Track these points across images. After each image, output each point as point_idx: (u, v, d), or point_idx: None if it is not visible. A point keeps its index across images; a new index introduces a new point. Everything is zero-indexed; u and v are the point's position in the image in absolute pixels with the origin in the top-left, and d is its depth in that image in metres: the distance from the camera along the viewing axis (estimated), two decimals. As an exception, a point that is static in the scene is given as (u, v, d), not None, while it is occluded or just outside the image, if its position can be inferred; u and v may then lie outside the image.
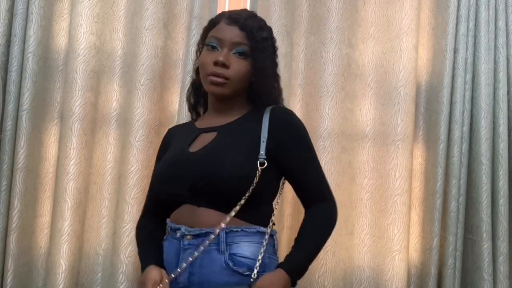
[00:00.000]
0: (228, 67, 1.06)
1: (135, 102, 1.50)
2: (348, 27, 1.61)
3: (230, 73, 1.06)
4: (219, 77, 1.06)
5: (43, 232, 1.56)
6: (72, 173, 1.46)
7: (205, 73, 1.09)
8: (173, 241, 1.05)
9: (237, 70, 1.07)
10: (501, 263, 1.52)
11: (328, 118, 1.57)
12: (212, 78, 1.06)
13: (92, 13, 1.50)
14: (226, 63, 1.06)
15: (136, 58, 1.52)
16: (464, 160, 1.56)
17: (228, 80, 1.06)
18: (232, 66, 1.07)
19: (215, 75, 1.06)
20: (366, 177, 1.58)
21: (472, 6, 1.58)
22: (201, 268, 1.00)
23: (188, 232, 1.02)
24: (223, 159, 1.03)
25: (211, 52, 1.09)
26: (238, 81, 1.08)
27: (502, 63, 1.58)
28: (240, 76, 1.08)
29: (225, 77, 1.06)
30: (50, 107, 1.56)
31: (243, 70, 1.08)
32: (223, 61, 1.05)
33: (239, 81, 1.09)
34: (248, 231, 1.03)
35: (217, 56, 1.06)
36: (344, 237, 1.57)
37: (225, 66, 1.06)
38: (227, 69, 1.06)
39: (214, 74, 1.06)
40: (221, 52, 1.07)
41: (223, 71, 1.06)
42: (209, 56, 1.08)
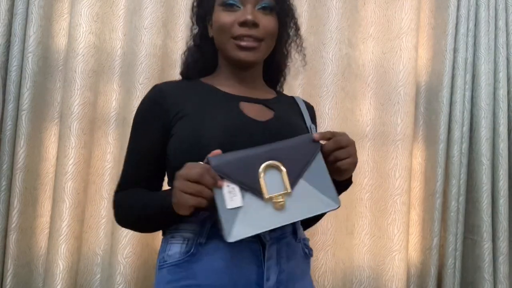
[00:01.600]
0: (258, 25, 0.91)
1: (134, 102, 1.50)
2: (348, 27, 1.60)
3: (262, 32, 0.92)
4: (251, 39, 0.91)
5: (43, 232, 1.55)
6: (70, 173, 1.46)
7: (228, 37, 0.92)
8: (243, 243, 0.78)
9: (268, 28, 0.93)
10: (501, 263, 1.52)
11: (328, 118, 1.57)
12: (241, 42, 0.91)
13: (91, 12, 1.50)
14: (256, 21, 0.90)
15: (135, 57, 1.52)
16: (464, 160, 1.56)
17: (261, 42, 0.93)
18: (262, 23, 0.92)
19: (245, 38, 0.91)
20: (366, 177, 1.58)
21: (472, 6, 1.58)
22: (289, 262, 0.87)
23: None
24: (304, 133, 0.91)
25: (231, 11, 0.92)
26: (271, 41, 0.96)
27: (502, 63, 1.58)
28: (272, 34, 0.95)
29: (258, 39, 0.92)
30: (50, 107, 1.56)
31: (275, 27, 0.95)
32: (253, 20, 0.90)
33: (272, 42, 0.96)
34: None
35: (244, 15, 0.90)
36: (344, 237, 1.57)
37: (256, 26, 0.91)
38: (257, 28, 0.91)
39: (244, 36, 0.91)
40: (246, 10, 0.91)
41: (255, 31, 0.91)
42: (230, 16, 0.92)
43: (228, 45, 0.93)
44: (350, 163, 0.84)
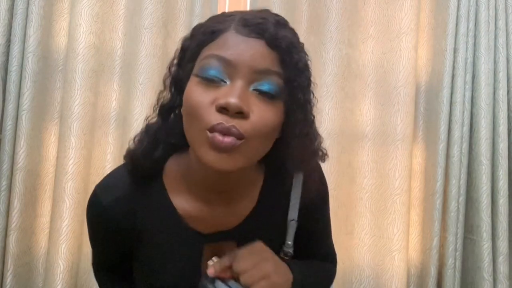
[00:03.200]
0: (247, 116, 0.61)
1: (134, 102, 1.50)
2: (348, 27, 1.60)
3: (247, 127, 0.60)
4: (229, 134, 0.59)
5: (43, 232, 1.55)
6: (70, 173, 1.46)
7: (201, 126, 0.61)
8: None
9: (260, 122, 0.61)
10: (501, 263, 1.52)
11: (328, 118, 1.57)
12: (215, 137, 0.59)
13: (91, 12, 1.50)
14: (245, 110, 0.60)
15: (135, 57, 1.52)
16: (464, 160, 1.56)
17: (243, 141, 0.60)
18: (254, 114, 0.61)
19: (221, 132, 0.59)
20: (365, 177, 1.58)
21: (472, 6, 1.58)
22: None
23: None
24: None
25: (210, 86, 0.62)
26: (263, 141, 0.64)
27: (502, 63, 1.58)
28: (264, 133, 0.62)
29: (240, 135, 0.60)
30: (50, 107, 1.56)
31: (270, 123, 0.62)
32: (239, 106, 0.59)
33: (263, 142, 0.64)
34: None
35: (226, 95, 0.60)
36: (343, 237, 1.57)
37: (242, 115, 0.60)
38: (244, 119, 0.60)
39: (220, 129, 0.59)
40: (233, 88, 0.60)
41: (238, 123, 0.60)
42: (206, 94, 0.61)
43: (197, 137, 0.62)
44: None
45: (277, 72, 0.62)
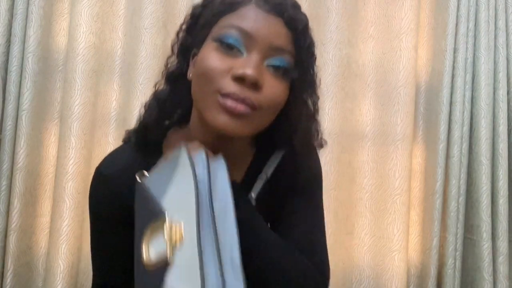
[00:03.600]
0: (260, 88, 0.64)
1: (134, 102, 1.50)
2: (348, 27, 1.60)
3: (262, 99, 0.64)
4: (243, 103, 0.63)
5: (43, 232, 1.55)
6: (71, 173, 1.46)
7: (213, 89, 0.64)
8: None
9: (272, 96, 0.65)
10: (501, 263, 1.52)
11: (328, 118, 1.57)
12: (228, 102, 0.62)
13: (91, 12, 1.50)
14: (259, 82, 0.63)
15: (135, 57, 1.52)
16: (464, 160, 1.56)
17: (254, 111, 0.64)
18: (266, 87, 0.64)
19: (236, 99, 0.62)
20: (365, 177, 1.58)
21: (472, 6, 1.58)
22: None
23: None
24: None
25: (228, 55, 0.64)
26: (272, 114, 0.68)
27: (502, 63, 1.58)
28: (275, 106, 0.67)
29: (253, 105, 0.63)
30: (50, 107, 1.56)
31: (281, 97, 0.67)
32: (255, 79, 0.62)
33: (272, 114, 0.68)
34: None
35: (243, 66, 0.62)
36: (344, 237, 1.57)
37: (256, 87, 0.63)
38: (257, 91, 0.64)
39: (234, 97, 0.62)
40: (250, 60, 0.63)
41: (251, 95, 0.63)
42: (225, 61, 0.64)
43: (209, 100, 0.64)
44: None
45: (290, 51, 0.66)
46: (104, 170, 0.75)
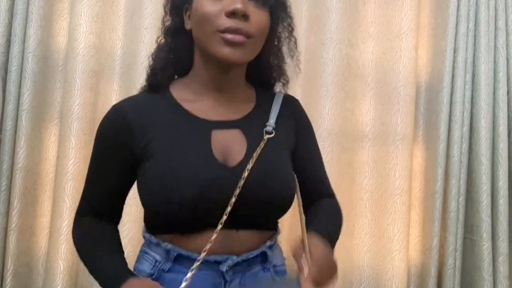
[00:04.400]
0: (249, 18, 0.77)
1: (134, 102, 1.50)
2: (348, 27, 1.60)
3: (252, 27, 0.78)
4: (239, 33, 0.76)
5: (43, 232, 1.55)
6: (70, 173, 1.46)
7: (213, 29, 0.77)
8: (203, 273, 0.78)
9: (260, 24, 0.79)
10: (501, 263, 1.52)
11: (328, 118, 1.57)
12: (228, 36, 0.76)
13: (91, 12, 1.50)
14: (247, 12, 0.77)
15: (135, 57, 1.52)
16: (464, 160, 1.56)
17: (249, 39, 0.78)
18: (252, 17, 0.78)
19: (233, 32, 0.76)
20: (366, 177, 1.58)
21: (472, 6, 1.58)
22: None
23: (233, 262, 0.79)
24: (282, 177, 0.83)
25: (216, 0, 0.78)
26: (261, 40, 0.82)
27: (502, 63, 1.58)
28: (263, 32, 0.81)
29: (248, 34, 0.77)
30: (50, 107, 1.56)
31: (266, 23, 0.81)
32: (244, 10, 0.76)
33: (261, 41, 0.83)
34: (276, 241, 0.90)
35: (233, 3, 0.76)
36: (344, 237, 1.56)
37: (246, 18, 0.77)
38: (247, 21, 0.77)
39: (232, 30, 0.76)
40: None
41: (244, 25, 0.77)
42: (215, 4, 0.77)
43: (211, 39, 0.78)
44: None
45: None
46: (117, 103, 0.88)
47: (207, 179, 0.77)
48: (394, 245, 1.53)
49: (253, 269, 0.83)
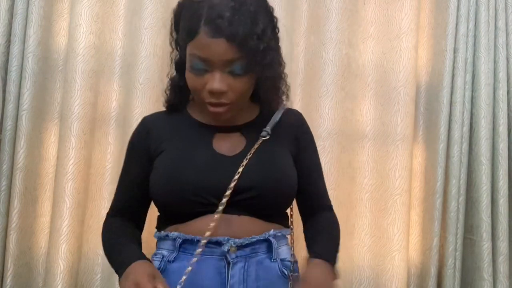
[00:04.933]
0: (227, 91, 0.86)
1: (134, 102, 1.50)
2: (348, 27, 1.60)
3: (231, 96, 0.87)
4: (220, 106, 0.88)
5: (43, 232, 1.55)
6: (71, 173, 1.46)
7: (200, 99, 0.90)
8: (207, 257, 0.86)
9: (238, 92, 0.87)
10: (501, 263, 1.52)
11: (328, 118, 1.57)
12: (211, 108, 0.89)
13: (91, 12, 1.50)
14: (224, 90, 0.86)
15: (135, 57, 1.52)
16: (464, 160, 1.56)
17: (231, 104, 0.89)
18: (231, 87, 0.86)
19: (214, 105, 0.88)
20: (366, 177, 1.58)
21: (472, 6, 1.58)
22: (258, 281, 0.88)
23: (235, 244, 0.87)
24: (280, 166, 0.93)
25: (199, 74, 0.87)
26: (243, 99, 0.91)
27: (502, 63, 1.58)
28: (243, 96, 0.90)
29: (227, 103, 0.88)
30: (50, 107, 1.56)
31: (245, 88, 0.88)
32: (220, 90, 0.85)
33: (244, 99, 0.92)
34: (285, 234, 0.96)
35: (211, 84, 0.85)
36: (344, 237, 1.55)
37: (223, 92, 0.86)
38: (226, 93, 0.87)
39: (213, 104, 0.88)
40: (213, 77, 0.85)
41: (223, 97, 0.87)
42: (199, 80, 0.87)
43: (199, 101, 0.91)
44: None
45: (239, 57, 0.83)
46: (144, 116, 1.06)
47: (205, 165, 0.90)
48: (394, 245, 1.53)
49: (258, 256, 0.89)
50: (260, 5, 0.88)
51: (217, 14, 0.82)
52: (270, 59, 0.87)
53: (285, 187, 0.93)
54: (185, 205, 0.89)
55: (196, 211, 0.88)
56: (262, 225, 0.90)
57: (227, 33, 0.81)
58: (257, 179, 0.89)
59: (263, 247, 0.90)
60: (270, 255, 0.91)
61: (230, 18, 0.82)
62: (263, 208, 0.91)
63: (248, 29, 0.82)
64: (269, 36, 0.87)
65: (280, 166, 0.94)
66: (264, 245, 0.91)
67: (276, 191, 0.91)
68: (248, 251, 0.88)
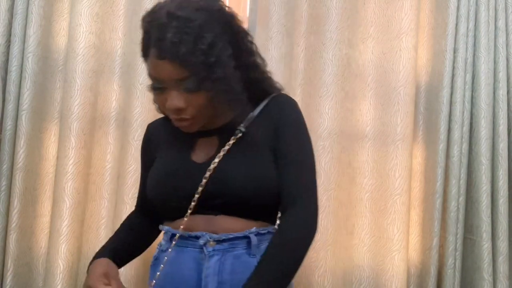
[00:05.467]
0: (185, 107, 0.89)
1: (134, 102, 1.50)
2: (348, 27, 1.60)
3: (191, 111, 0.90)
4: (182, 121, 0.92)
5: (43, 232, 1.55)
6: (70, 173, 1.46)
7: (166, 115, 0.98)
8: (189, 250, 0.95)
9: (197, 107, 0.90)
10: (501, 263, 1.52)
11: (328, 118, 1.57)
12: (176, 123, 0.94)
13: (91, 12, 1.50)
14: (181, 106, 0.89)
15: (135, 57, 1.51)
16: (464, 160, 1.56)
17: (194, 118, 0.92)
18: (189, 103, 0.89)
19: (177, 120, 0.93)
20: (365, 177, 1.58)
21: (472, 6, 1.58)
22: (233, 275, 0.92)
23: (212, 239, 0.92)
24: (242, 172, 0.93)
25: (158, 92, 0.92)
26: (206, 112, 0.93)
27: (502, 63, 1.58)
28: (204, 109, 0.91)
29: (188, 118, 0.91)
30: (50, 107, 1.56)
31: (204, 102, 0.90)
32: (177, 107, 0.88)
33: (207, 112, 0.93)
34: (271, 232, 0.97)
35: (168, 103, 0.89)
36: (344, 237, 1.57)
37: (181, 108, 0.89)
38: (185, 108, 0.90)
39: (175, 119, 0.93)
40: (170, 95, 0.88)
41: (183, 112, 0.90)
42: (160, 98, 0.92)
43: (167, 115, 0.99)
44: None
45: (187, 75, 0.86)
46: (148, 124, 1.15)
47: (179, 173, 0.97)
48: (394, 245, 1.53)
49: (236, 251, 0.93)
50: (210, 17, 0.87)
51: (161, 36, 0.85)
52: (222, 72, 0.87)
53: (253, 190, 0.93)
54: (167, 210, 1.00)
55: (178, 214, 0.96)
56: (244, 223, 0.94)
57: (170, 54, 0.84)
58: (222, 186, 0.92)
59: (243, 243, 0.94)
60: (249, 250, 0.94)
61: (172, 38, 0.83)
62: (238, 209, 0.94)
63: (191, 48, 0.84)
64: (220, 49, 0.87)
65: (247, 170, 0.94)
66: (244, 241, 0.94)
67: (244, 195, 0.93)
68: (226, 245, 0.93)
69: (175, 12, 0.85)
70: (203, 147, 1.00)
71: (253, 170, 0.94)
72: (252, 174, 0.93)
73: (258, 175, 0.94)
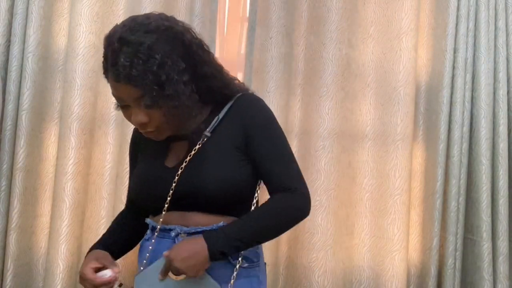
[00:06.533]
0: (148, 122, 0.97)
1: (134, 102, 1.50)
2: (348, 27, 1.60)
3: (154, 125, 0.98)
4: (149, 133, 1.01)
5: (43, 232, 1.55)
6: (70, 173, 1.46)
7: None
8: (165, 240, 1.05)
9: (158, 121, 0.97)
10: (501, 263, 1.52)
11: (328, 118, 1.57)
12: (144, 134, 1.02)
13: (91, 12, 1.50)
14: (144, 122, 0.97)
15: (135, 57, 1.52)
16: (464, 160, 1.56)
17: (159, 129, 0.99)
18: (151, 118, 0.96)
19: (144, 133, 1.01)
20: (366, 177, 1.58)
21: (472, 6, 1.58)
22: None
23: (182, 231, 1.03)
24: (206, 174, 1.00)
25: (125, 109, 0.99)
26: (171, 123, 0.99)
27: (502, 63, 1.58)
28: (167, 122, 0.98)
29: (154, 130, 0.99)
30: (50, 107, 1.57)
31: (163, 117, 0.97)
32: (139, 122, 0.97)
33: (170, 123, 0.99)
34: None
35: (133, 119, 0.97)
36: (344, 237, 1.57)
37: (146, 124, 0.98)
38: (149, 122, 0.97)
39: (142, 132, 1.01)
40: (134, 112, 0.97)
41: (147, 127, 0.98)
42: (126, 114, 1.00)
43: None
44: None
45: (142, 94, 0.93)
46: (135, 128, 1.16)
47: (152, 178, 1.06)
48: (394, 245, 1.53)
49: None
50: (159, 37, 0.94)
51: (113, 61, 0.92)
52: (172, 89, 0.93)
53: (218, 190, 0.99)
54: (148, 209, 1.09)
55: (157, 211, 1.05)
56: (213, 218, 1.01)
57: (123, 78, 0.91)
58: (190, 187, 1.00)
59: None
60: None
61: (124, 63, 0.90)
62: (207, 206, 1.02)
63: (141, 70, 0.90)
64: (170, 66, 0.93)
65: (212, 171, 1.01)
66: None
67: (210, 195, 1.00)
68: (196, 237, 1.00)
69: (126, 37, 0.92)
70: (174, 151, 1.08)
71: (219, 170, 1.01)
72: (217, 174, 1.00)
73: (223, 175, 1.01)
